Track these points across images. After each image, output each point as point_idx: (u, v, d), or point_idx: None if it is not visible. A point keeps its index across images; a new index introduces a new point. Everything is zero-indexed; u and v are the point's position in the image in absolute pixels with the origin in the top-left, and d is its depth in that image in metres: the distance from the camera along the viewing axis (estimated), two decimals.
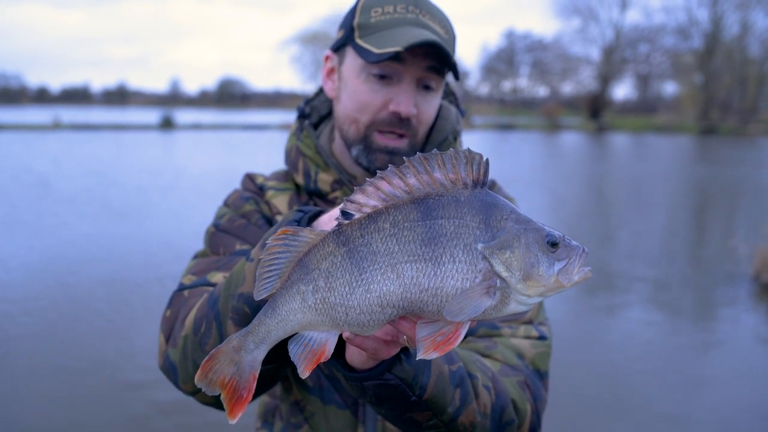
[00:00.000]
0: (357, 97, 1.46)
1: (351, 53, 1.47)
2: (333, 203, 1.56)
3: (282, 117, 51.55)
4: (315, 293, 0.93)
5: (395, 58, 1.40)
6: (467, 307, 0.86)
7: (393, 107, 1.44)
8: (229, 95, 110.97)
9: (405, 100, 1.43)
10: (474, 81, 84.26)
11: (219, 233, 1.54)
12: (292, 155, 1.62)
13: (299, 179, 1.59)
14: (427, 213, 0.89)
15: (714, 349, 6.53)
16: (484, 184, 0.91)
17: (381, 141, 1.48)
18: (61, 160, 22.38)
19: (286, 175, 1.65)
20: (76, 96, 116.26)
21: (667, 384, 5.47)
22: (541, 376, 1.43)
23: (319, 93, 1.69)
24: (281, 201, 1.59)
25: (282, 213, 1.57)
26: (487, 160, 0.91)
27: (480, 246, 0.88)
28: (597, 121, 58.42)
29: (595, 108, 63.28)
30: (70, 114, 53.54)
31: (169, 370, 1.37)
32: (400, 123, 1.46)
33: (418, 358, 0.88)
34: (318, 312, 0.93)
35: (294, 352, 0.95)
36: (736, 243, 9.37)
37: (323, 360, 0.94)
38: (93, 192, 15.15)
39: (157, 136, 37.63)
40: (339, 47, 1.52)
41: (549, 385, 1.46)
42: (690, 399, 5.29)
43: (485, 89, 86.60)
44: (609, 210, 15.36)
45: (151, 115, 50.92)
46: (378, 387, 1.10)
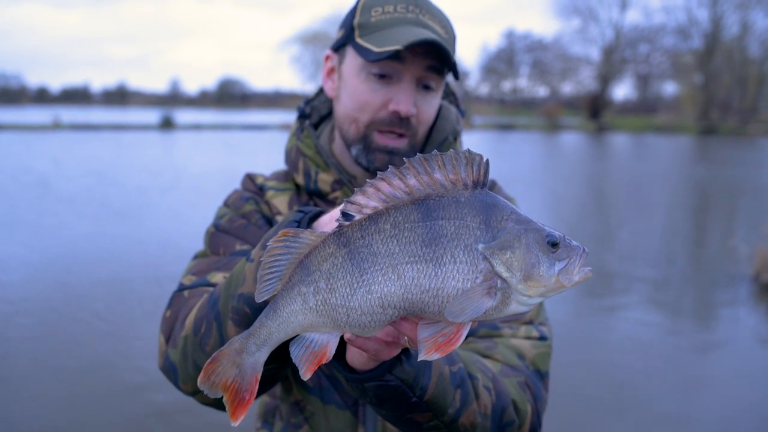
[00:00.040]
0: (357, 97, 1.46)
1: (351, 52, 1.47)
2: (333, 203, 1.56)
3: (282, 117, 51.53)
4: (316, 295, 0.93)
5: (395, 57, 1.40)
6: (468, 308, 0.86)
7: (393, 107, 1.43)
8: (229, 95, 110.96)
9: (405, 99, 1.43)
10: (474, 81, 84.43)
11: (219, 233, 1.54)
12: (292, 155, 1.61)
13: (299, 179, 1.59)
14: (428, 214, 0.89)
15: (714, 350, 6.53)
16: (484, 184, 0.91)
17: (380, 141, 1.47)
18: (61, 160, 22.37)
19: (286, 176, 1.65)
20: (76, 96, 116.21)
21: (667, 384, 5.47)
22: (542, 376, 1.43)
23: (320, 93, 1.69)
24: (281, 201, 1.59)
25: (282, 213, 1.57)
26: (488, 160, 0.91)
27: (481, 246, 0.88)
28: (597, 122, 58.40)
29: (595, 108, 63.27)
30: (70, 114, 53.51)
31: (170, 370, 1.37)
32: (399, 122, 1.45)
33: (419, 359, 0.87)
34: (319, 313, 0.93)
35: (295, 353, 0.94)
36: (736, 243, 9.36)
37: (325, 361, 0.94)
38: (93, 192, 15.15)
39: (157, 136, 37.61)
40: (339, 47, 1.52)
41: (549, 386, 1.46)
42: (690, 399, 5.29)
43: (485, 89, 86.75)
44: (609, 210, 15.36)
45: (151, 115, 50.91)
46: (379, 388, 1.10)
